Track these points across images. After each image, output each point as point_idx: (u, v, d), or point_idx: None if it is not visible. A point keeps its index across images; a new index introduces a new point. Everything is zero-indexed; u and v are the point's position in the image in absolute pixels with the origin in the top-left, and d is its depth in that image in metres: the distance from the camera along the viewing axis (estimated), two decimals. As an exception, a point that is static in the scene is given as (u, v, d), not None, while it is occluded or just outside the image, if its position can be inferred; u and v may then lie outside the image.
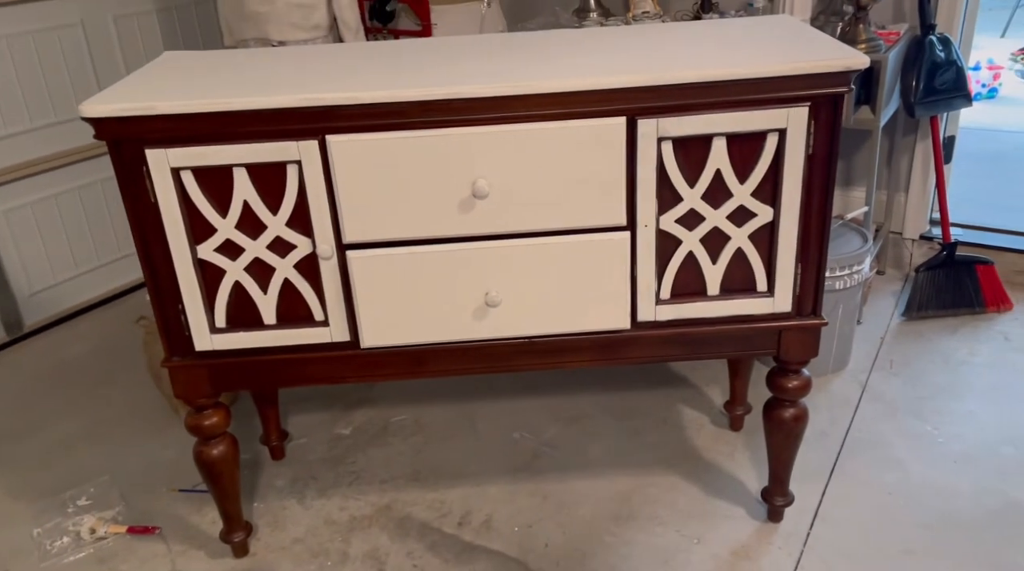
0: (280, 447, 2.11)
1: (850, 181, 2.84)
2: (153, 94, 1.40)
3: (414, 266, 1.48)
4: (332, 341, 1.55)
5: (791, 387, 1.64)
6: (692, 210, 1.47)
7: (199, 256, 1.48)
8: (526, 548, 1.80)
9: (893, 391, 2.24)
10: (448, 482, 2.00)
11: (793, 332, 1.58)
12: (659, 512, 1.87)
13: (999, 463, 1.96)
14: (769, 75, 1.34)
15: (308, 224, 1.46)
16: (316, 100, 1.35)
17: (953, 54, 2.44)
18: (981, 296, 2.57)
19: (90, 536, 1.85)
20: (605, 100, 1.37)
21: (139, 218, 1.44)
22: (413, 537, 1.84)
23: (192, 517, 1.92)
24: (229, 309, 1.53)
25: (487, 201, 1.44)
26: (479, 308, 1.52)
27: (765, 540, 1.77)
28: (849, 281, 2.21)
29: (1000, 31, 5.82)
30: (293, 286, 1.52)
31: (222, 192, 1.44)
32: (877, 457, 2.00)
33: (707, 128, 1.40)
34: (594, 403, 2.26)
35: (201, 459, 1.65)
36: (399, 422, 2.24)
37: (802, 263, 1.52)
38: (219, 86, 1.44)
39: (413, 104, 1.36)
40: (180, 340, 1.54)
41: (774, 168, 1.44)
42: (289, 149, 1.40)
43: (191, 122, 1.36)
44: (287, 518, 1.91)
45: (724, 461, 2.01)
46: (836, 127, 1.40)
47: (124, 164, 1.40)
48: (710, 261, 1.52)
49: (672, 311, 1.55)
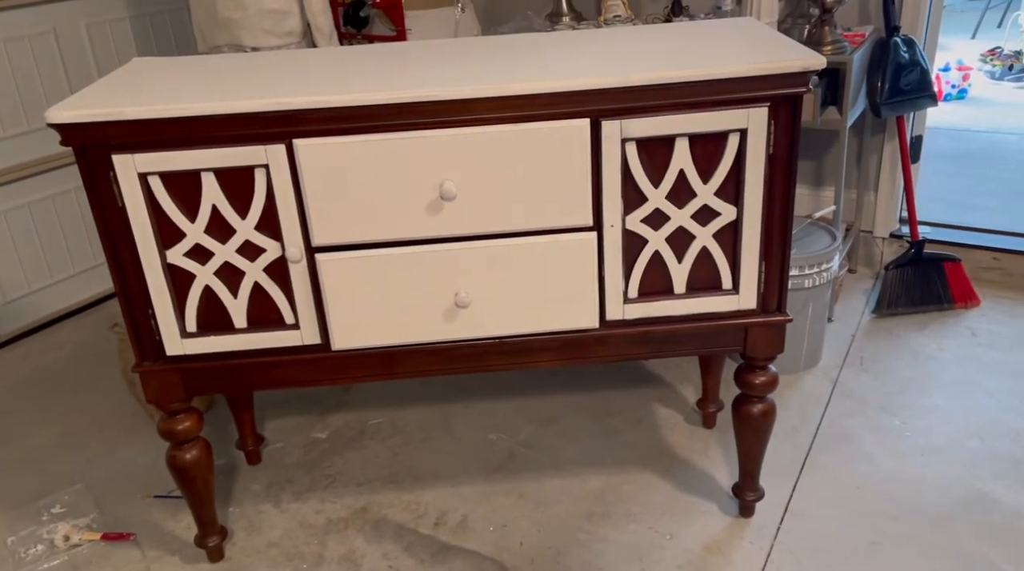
0: (256, 452, 2.11)
1: (820, 181, 2.88)
2: (119, 99, 1.41)
3: (383, 268, 1.50)
4: (303, 344, 1.56)
5: (758, 383, 1.67)
6: (657, 210, 1.49)
7: (168, 261, 1.48)
8: (501, 547, 1.81)
9: (863, 387, 2.27)
10: (424, 483, 2.01)
11: (759, 329, 1.60)
12: (633, 510, 1.89)
13: (965, 456, 1.99)
14: (728, 76, 1.37)
15: (277, 228, 1.47)
16: (283, 104, 1.36)
17: (917, 55, 2.48)
18: (949, 293, 2.61)
19: (64, 543, 1.85)
20: (569, 102, 1.39)
21: (107, 224, 1.45)
22: (389, 538, 1.85)
23: (167, 523, 1.92)
24: (200, 313, 1.54)
25: (455, 203, 1.45)
26: (449, 309, 1.54)
27: (736, 535, 1.80)
28: (818, 279, 2.25)
29: (971, 32, 5.91)
30: (263, 290, 1.53)
31: (190, 197, 1.45)
32: (847, 451, 2.03)
33: (670, 129, 1.42)
34: (569, 403, 2.28)
35: (174, 464, 1.66)
36: (376, 425, 2.25)
37: (766, 261, 1.54)
38: (187, 91, 1.45)
39: (380, 107, 1.38)
40: (151, 345, 1.55)
41: (736, 168, 1.47)
42: (257, 153, 1.41)
43: (157, 127, 1.37)
44: (263, 522, 1.92)
45: (697, 458, 2.04)
46: (796, 127, 1.43)
47: (91, 170, 1.41)
48: (676, 260, 1.54)
49: (640, 310, 1.57)
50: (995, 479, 1.91)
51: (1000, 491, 1.88)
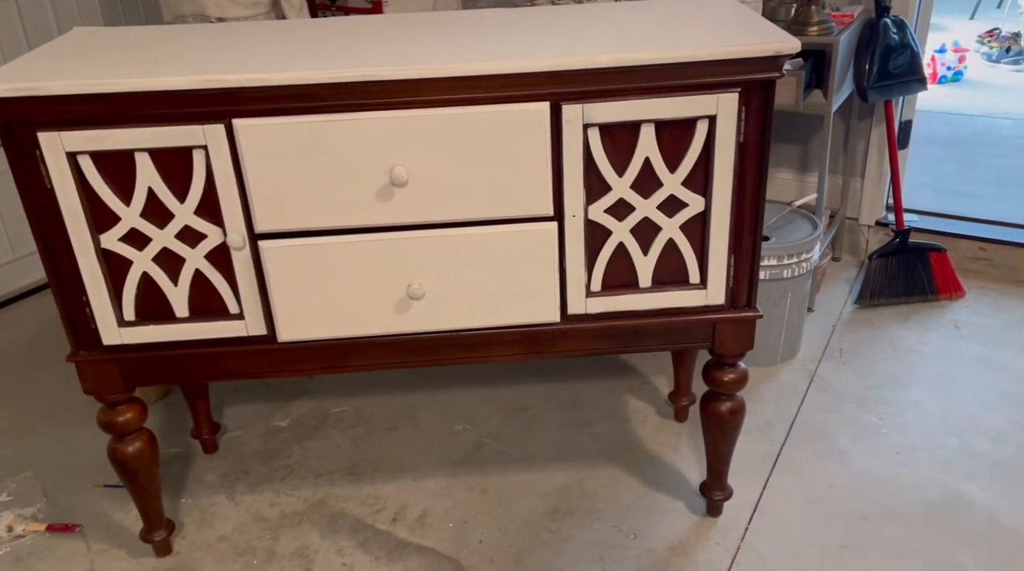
0: (212, 440, 2.04)
1: (805, 166, 2.79)
2: (47, 72, 1.32)
3: (331, 257, 1.42)
4: (248, 335, 1.48)
5: (727, 380, 1.60)
6: (621, 200, 1.41)
7: (103, 246, 1.40)
8: (460, 544, 1.75)
9: (841, 381, 2.21)
10: (385, 476, 1.95)
11: (727, 325, 1.53)
12: (598, 506, 1.83)
13: (942, 455, 1.93)
14: (696, 59, 1.28)
15: (218, 213, 1.39)
16: (219, 82, 1.27)
17: (908, 37, 2.39)
18: (933, 283, 2.55)
19: (7, 534, 1.78)
20: (527, 84, 1.31)
21: (35, 205, 1.36)
22: (344, 534, 1.79)
23: (116, 514, 1.86)
24: (138, 301, 1.46)
25: (406, 189, 1.37)
26: (401, 301, 1.46)
27: (703, 535, 1.74)
28: (798, 269, 2.17)
29: (969, 13, 5.79)
30: (205, 277, 1.44)
31: (124, 178, 1.36)
32: (820, 448, 1.97)
33: (635, 114, 1.34)
34: (539, 393, 2.21)
35: (115, 457, 1.58)
36: (339, 413, 2.18)
37: (735, 254, 1.47)
38: (123, 65, 1.36)
39: (324, 87, 1.29)
40: (87, 334, 1.47)
41: (705, 156, 1.38)
42: (194, 133, 1.32)
43: (85, 103, 1.28)
44: (215, 514, 1.85)
45: (667, 453, 1.98)
46: (768, 114, 1.35)
47: (16, 148, 1.32)
48: (641, 252, 1.46)
49: (603, 304, 1.49)
50: (971, 480, 1.85)
51: (975, 492, 1.82)
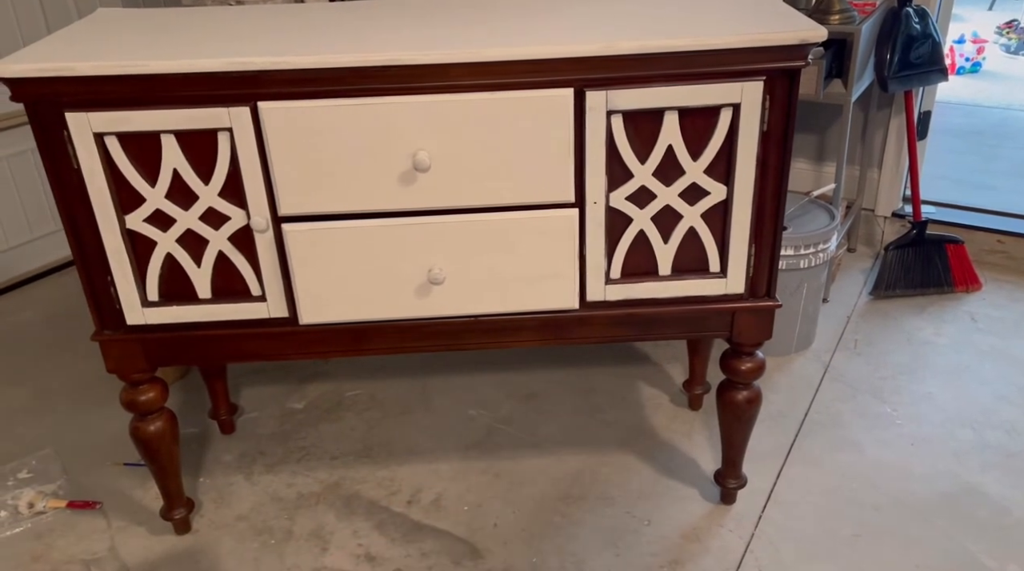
0: (229, 421, 2.06)
1: (822, 156, 2.78)
2: (75, 54, 1.32)
3: (353, 241, 1.42)
4: (270, 317, 1.50)
5: (744, 369, 1.60)
6: (643, 187, 1.42)
7: (128, 226, 1.41)
8: (474, 527, 1.77)
9: (855, 371, 2.21)
10: (400, 459, 1.96)
11: (746, 314, 1.53)
12: (611, 492, 1.84)
13: (955, 446, 1.94)
14: (722, 47, 1.28)
15: (242, 195, 1.39)
16: (245, 64, 1.28)
17: (930, 27, 2.37)
18: (950, 275, 2.54)
19: (28, 510, 1.81)
20: (551, 70, 1.31)
21: (62, 186, 1.37)
22: (360, 515, 1.81)
23: (135, 492, 1.88)
24: (162, 282, 1.47)
25: (429, 174, 1.38)
26: (422, 285, 1.47)
27: (716, 522, 1.75)
28: (815, 259, 2.17)
29: (988, 3, 5.74)
30: (228, 259, 1.46)
31: (150, 160, 1.37)
32: (834, 438, 1.97)
33: (658, 102, 1.34)
34: (553, 379, 2.22)
35: (137, 435, 1.60)
36: (353, 396, 2.19)
37: (756, 243, 1.47)
38: (149, 46, 1.36)
39: (348, 70, 1.29)
40: (111, 313, 1.48)
41: (728, 145, 1.38)
42: (220, 116, 1.33)
43: (113, 84, 1.29)
44: (232, 494, 1.87)
45: (680, 441, 1.99)
46: (792, 103, 1.35)
47: (44, 128, 1.33)
48: (662, 240, 1.47)
49: (622, 291, 1.50)
50: (984, 471, 1.86)
51: (989, 484, 1.82)
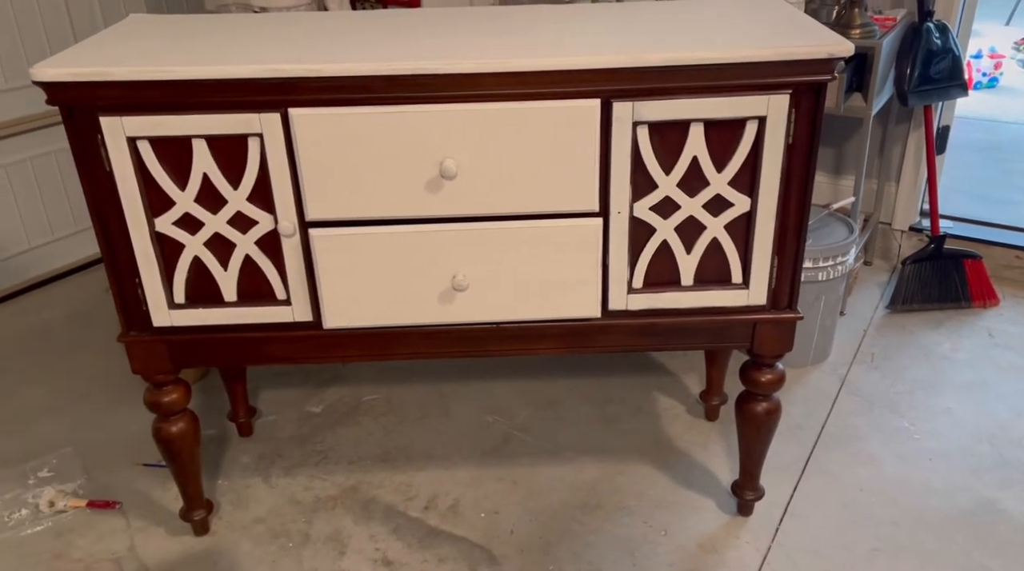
0: (248, 423, 2.07)
1: (840, 169, 2.79)
2: (110, 59, 1.34)
3: (379, 247, 1.44)
4: (294, 321, 1.51)
5: (764, 381, 1.61)
6: (667, 198, 1.42)
7: (157, 229, 1.43)
8: (491, 534, 1.77)
9: (872, 385, 2.21)
10: (417, 464, 1.97)
11: (768, 325, 1.54)
12: (628, 502, 1.84)
13: (974, 461, 1.93)
14: (749, 60, 1.29)
15: (270, 200, 1.41)
16: (277, 71, 1.30)
17: (950, 42, 2.38)
18: (967, 290, 2.53)
19: (49, 509, 1.82)
20: (579, 81, 1.32)
21: (94, 188, 1.39)
22: (377, 520, 1.81)
23: (155, 492, 1.89)
24: (188, 285, 1.49)
25: (455, 182, 1.39)
26: (446, 291, 1.48)
27: (733, 534, 1.75)
28: (832, 273, 2.17)
29: (1005, 18, 5.73)
30: (254, 263, 1.47)
31: (181, 164, 1.39)
32: (851, 452, 1.97)
33: (684, 113, 1.35)
34: (570, 388, 2.22)
35: (160, 436, 1.62)
36: (371, 401, 2.20)
37: (779, 256, 1.47)
38: (181, 52, 1.39)
39: (378, 79, 1.31)
40: (137, 315, 1.50)
41: (753, 157, 1.39)
42: (250, 121, 1.35)
43: (147, 90, 1.31)
44: (250, 497, 1.88)
45: (697, 451, 1.99)
46: (818, 116, 1.36)
47: (78, 131, 1.35)
48: (684, 251, 1.47)
49: (644, 301, 1.51)
50: (1004, 488, 1.85)
51: (1008, 501, 1.82)
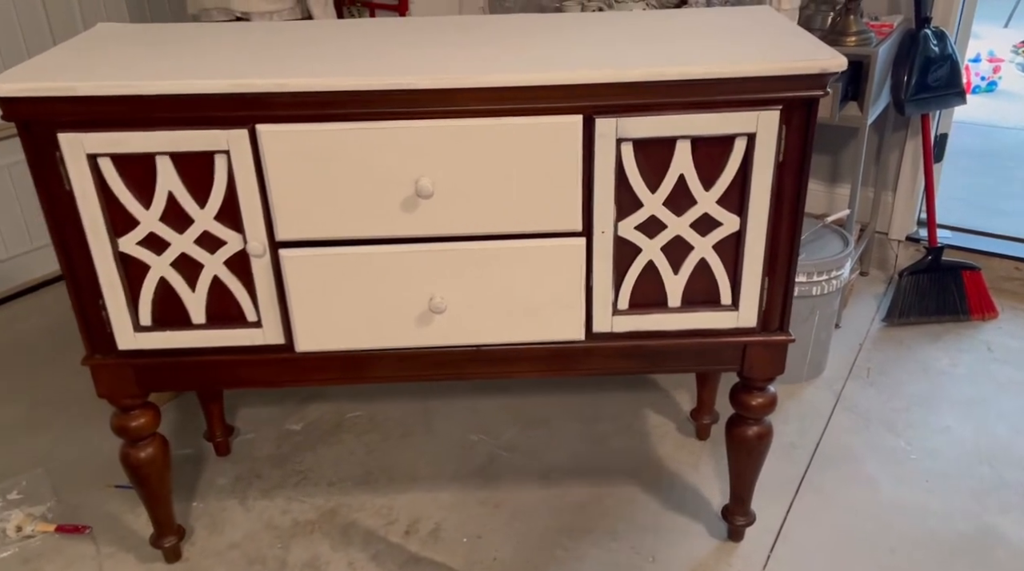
0: (225, 442, 2.01)
1: (836, 178, 2.73)
2: (71, 72, 1.28)
3: (352, 267, 1.38)
4: (265, 344, 1.45)
5: (755, 405, 1.55)
6: (653, 217, 1.37)
7: (120, 249, 1.37)
8: (473, 561, 1.71)
9: (868, 402, 2.15)
10: (399, 486, 1.91)
11: (758, 348, 1.48)
12: (615, 526, 1.78)
13: (974, 484, 1.87)
14: (738, 75, 1.23)
15: (238, 219, 1.35)
16: (244, 87, 1.24)
17: (948, 49, 2.32)
18: (966, 303, 2.48)
19: (16, 534, 1.76)
20: (560, 96, 1.26)
21: (53, 206, 1.33)
22: (356, 546, 1.75)
23: (126, 516, 1.83)
24: (155, 306, 1.42)
25: (432, 201, 1.33)
26: (423, 314, 1.42)
27: (723, 561, 1.69)
28: (827, 287, 2.12)
29: (1003, 21, 5.67)
30: (223, 284, 1.41)
31: (145, 182, 1.33)
32: (846, 473, 1.91)
33: (670, 130, 1.29)
34: (557, 405, 2.17)
35: (128, 462, 1.56)
36: (353, 418, 2.15)
37: (769, 276, 1.42)
38: (146, 65, 1.33)
39: (349, 94, 1.25)
40: (102, 337, 1.44)
41: (742, 175, 1.33)
42: (217, 138, 1.29)
43: (107, 105, 1.25)
44: (226, 520, 1.82)
45: (687, 472, 1.93)
46: (809, 133, 1.30)
47: (35, 148, 1.29)
48: (671, 271, 1.42)
49: (630, 322, 1.45)
50: (1004, 512, 1.79)
51: (1007, 526, 1.76)
